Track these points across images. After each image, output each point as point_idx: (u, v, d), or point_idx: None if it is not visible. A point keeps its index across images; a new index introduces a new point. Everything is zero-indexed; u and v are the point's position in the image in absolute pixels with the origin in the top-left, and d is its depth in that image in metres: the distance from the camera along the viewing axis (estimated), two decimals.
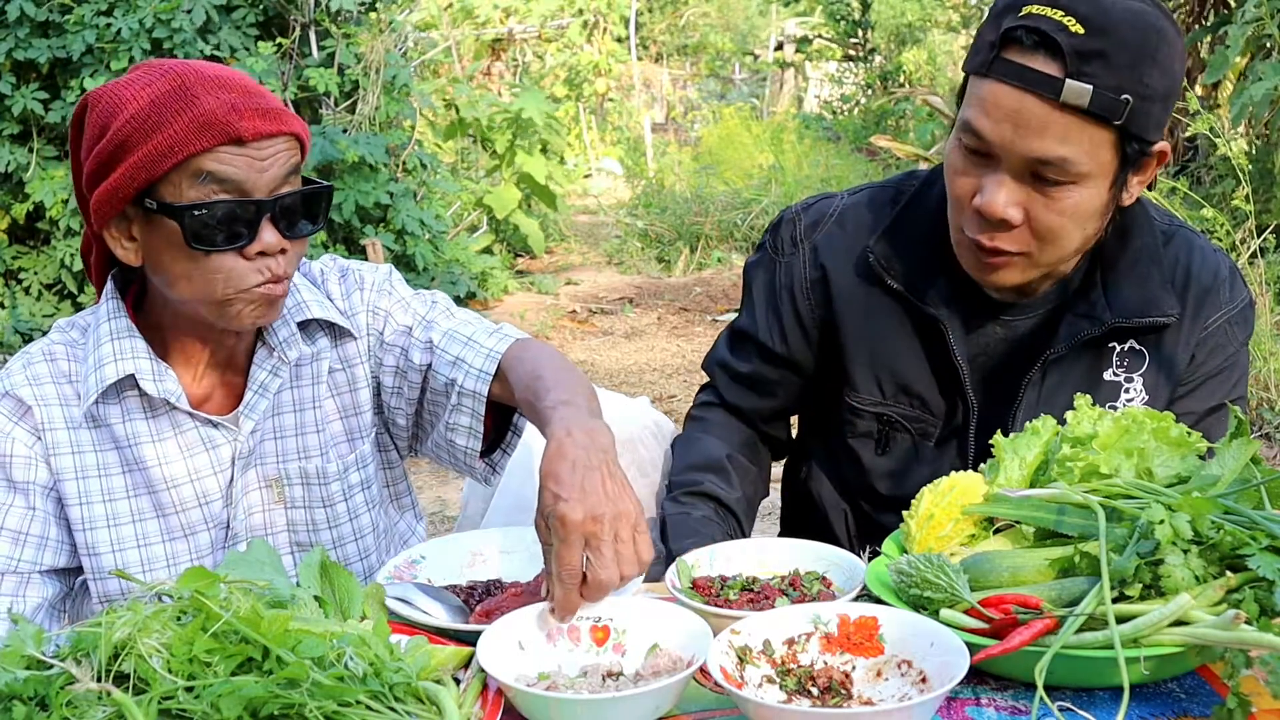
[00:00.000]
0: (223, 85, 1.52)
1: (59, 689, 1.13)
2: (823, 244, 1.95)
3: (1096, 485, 1.42)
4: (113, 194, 1.52)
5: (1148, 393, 1.84)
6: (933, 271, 1.85)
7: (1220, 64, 5.78)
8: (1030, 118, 1.60)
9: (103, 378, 1.62)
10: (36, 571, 1.65)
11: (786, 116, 15.99)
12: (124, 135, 1.50)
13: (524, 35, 12.74)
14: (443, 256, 8.08)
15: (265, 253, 1.55)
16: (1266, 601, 1.23)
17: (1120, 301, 1.80)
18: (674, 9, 21.76)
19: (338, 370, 1.79)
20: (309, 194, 1.59)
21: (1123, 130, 1.61)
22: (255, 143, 1.51)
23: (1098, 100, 1.58)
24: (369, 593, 1.42)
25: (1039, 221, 1.67)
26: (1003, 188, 1.65)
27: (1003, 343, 1.86)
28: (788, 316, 1.98)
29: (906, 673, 1.31)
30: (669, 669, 1.33)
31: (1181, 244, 1.88)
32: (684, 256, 9.65)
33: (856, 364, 1.92)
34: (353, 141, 7.05)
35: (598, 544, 1.35)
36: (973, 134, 1.66)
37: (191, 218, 1.49)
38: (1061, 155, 1.61)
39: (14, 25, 6.53)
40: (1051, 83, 1.58)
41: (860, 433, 1.95)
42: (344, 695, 1.14)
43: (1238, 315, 1.88)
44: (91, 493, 1.67)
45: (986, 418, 1.86)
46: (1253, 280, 5.67)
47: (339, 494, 1.79)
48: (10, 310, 6.93)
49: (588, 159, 14.19)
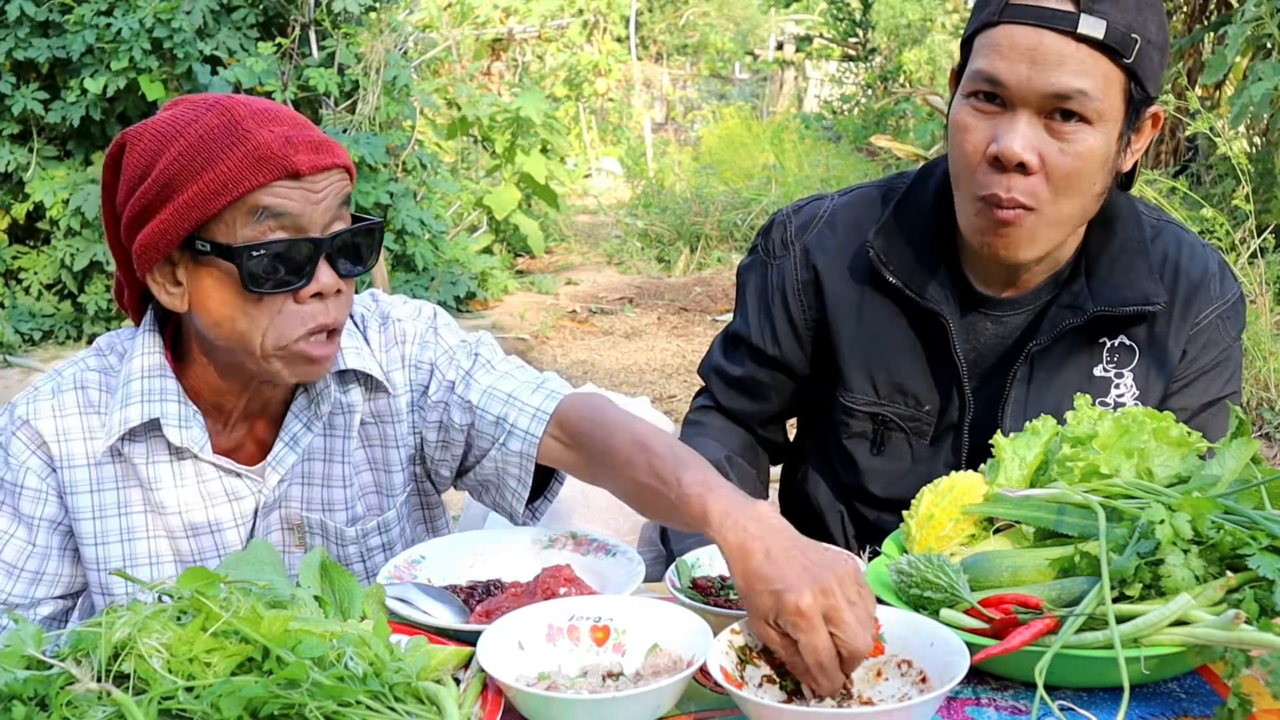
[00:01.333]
0: (273, 118, 1.45)
1: (59, 689, 1.13)
2: (814, 245, 1.95)
3: (1096, 485, 1.42)
4: (160, 236, 1.43)
5: (1138, 388, 1.83)
6: (931, 266, 1.85)
7: (1220, 64, 5.78)
8: (1048, 52, 1.62)
9: (126, 419, 1.56)
10: (25, 604, 1.62)
11: (787, 116, 15.99)
12: (172, 173, 1.42)
13: (524, 35, 12.73)
14: (443, 256, 8.08)
15: (321, 294, 1.48)
16: (1266, 601, 1.23)
17: (1105, 291, 1.80)
18: (674, 9, 21.76)
19: (370, 424, 1.71)
20: (363, 229, 1.52)
21: (1131, 72, 1.64)
22: (310, 176, 1.44)
23: (1112, 33, 1.61)
24: (369, 593, 1.42)
25: (1054, 166, 1.66)
26: (1018, 131, 1.65)
27: (994, 338, 1.86)
28: (780, 318, 1.98)
29: (906, 673, 1.31)
30: (669, 669, 1.33)
31: (1170, 239, 1.88)
32: (684, 256, 9.65)
33: (850, 364, 1.92)
34: (353, 141, 7.05)
35: (838, 615, 1.24)
36: (988, 79, 1.67)
37: (250, 258, 1.41)
38: (1080, 87, 1.62)
39: (14, 25, 6.54)
40: (1067, 16, 1.61)
41: (854, 433, 1.95)
42: (344, 695, 1.14)
43: (1229, 310, 1.87)
44: (109, 533, 1.62)
45: (979, 415, 1.86)
46: (1253, 280, 5.67)
47: (356, 555, 1.73)
48: (10, 310, 6.93)
49: (588, 159, 14.19)
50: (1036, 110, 1.65)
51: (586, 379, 6.66)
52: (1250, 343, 5.40)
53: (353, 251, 1.51)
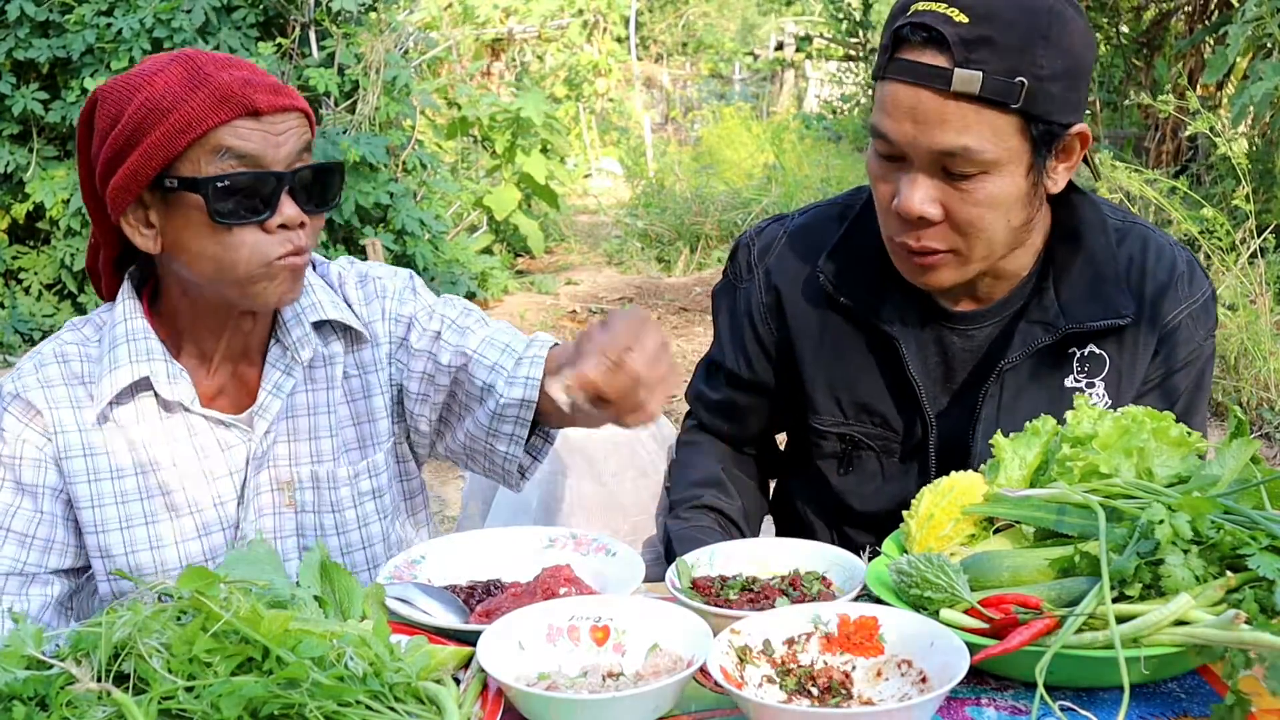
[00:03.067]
0: (233, 64, 1.55)
1: (59, 689, 1.13)
2: (775, 268, 1.95)
3: (1096, 485, 1.42)
4: (131, 178, 1.53)
5: (1110, 397, 1.81)
6: (884, 286, 1.84)
7: (1221, 64, 5.78)
8: (927, 112, 1.61)
9: (117, 381, 1.62)
10: (42, 572, 1.65)
11: (787, 116, 15.98)
12: (140, 118, 1.51)
13: (524, 35, 12.73)
14: (443, 256, 8.08)
15: (286, 226, 1.56)
16: (1266, 601, 1.23)
17: (1074, 307, 1.78)
18: (674, 9, 21.76)
19: (353, 376, 1.79)
20: (323, 169, 1.61)
21: (1024, 113, 1.61)
22: (270, 116, 1.53)
23: (989, 85, 1.58)
24: (369, 593, 1.42)
25: (957, 215, 1.66)
26: (916, 186, 1.65)
27: (962, 353, 1.84)
28: (750, 343, 1.98)
29: (906, 673, 1.31)
30: (669, 669, 1.33)
31: (1135, 241, 1.85)
32: (684, 256, 9.65)
33: (815, 386, 1.91)
34: (353, 141, 7.05)
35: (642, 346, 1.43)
36: (880, 137, 1.67)
37: (214, 190, 1.51)
38: (963, 144, 1.61)
39: (14, 25, 6.54)
40: (941, 73, 1.59)
41: (827, 454, 1.95)
42: (344, 695, 1.14)
43: (1199, 310, 1.85)
44: (104, 495, 1.66)
45: (948, 432, 1.85)
46: (1253, 280, 5.67)
47: (348, 500, 1.78)
48: (10, 310, 6.93)
49: (588, 159, 14.19)
50: (931, 164, 1.64)
51: None
52: (1250, 343, 5.40)
53: (315, 189, 1.60)
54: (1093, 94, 9.55)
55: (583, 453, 2.16)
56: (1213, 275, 5.97)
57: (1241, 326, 5.47)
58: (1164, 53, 9.16)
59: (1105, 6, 9.60)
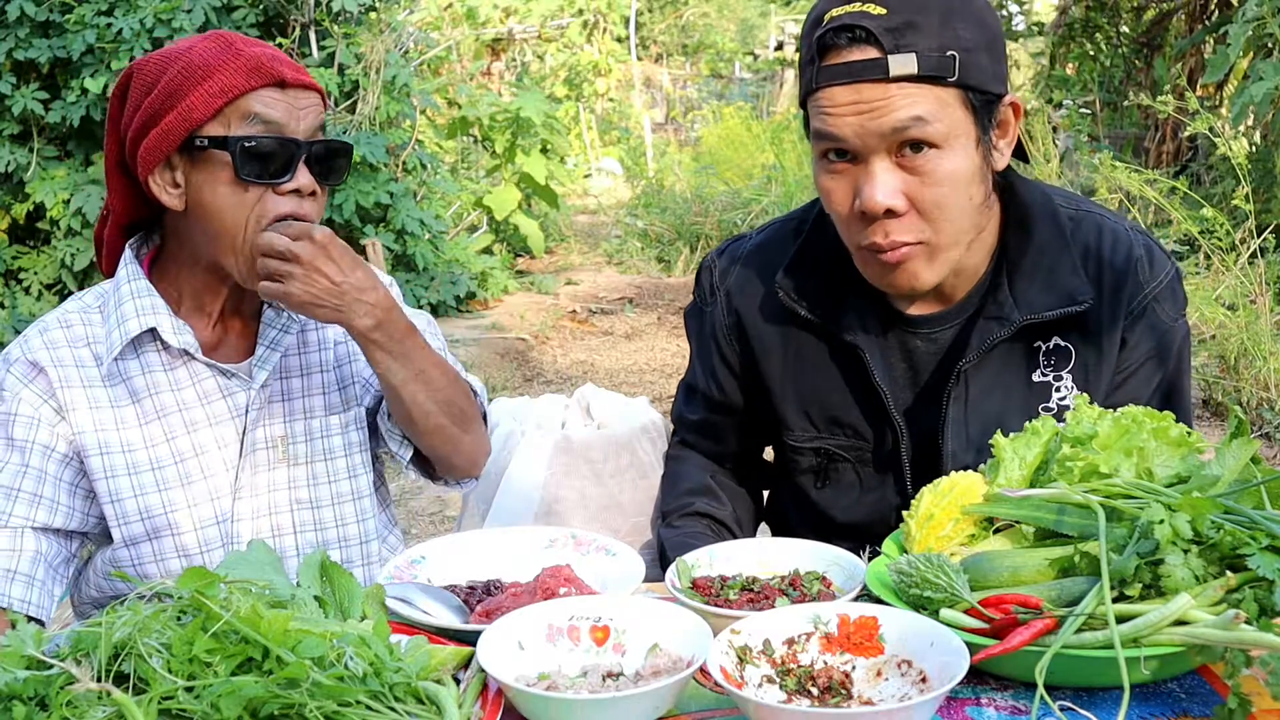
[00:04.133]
0: (259, 43, 1.73)
1: (59, 689, 1.13)
2: (735, 289, 1.95)
3: (1096, 485, 1.42)
4: (164, 138, 1.67)
5: (1079, 388, 1.79)
6: (843, 296, 1.83)
7: (1221, 63, 5.78)
8: (872, 101, 1.62)
9: (126, 332, 1.73)
10: (29, 528, 1.70)
11: (787, 116, 15.98)
12: (175, 85, 1.67)
13: (524, 35, 12.74)
14: (443, 256, 8.08)
15: (299, 192, 1.70)
16: (1266, 601, 1.23)
17: (1029, 299, 1.77)
18: (674, 9, 21.76)
19: (341, 343, 1.91)
20: (335, 146, 1.75)
21: (962, 85, 1.63)
22: (294, 90, 1.70)
23: (924, 63, 1.60)
24: (369, 593, 1.42)
25: (922, 199, 1.66)
26: (876, 180, 1.65)
27: (926, 356, 1.84)
28: (719, 365, 1.99)
29: (906, 673, 1.31)
30: (669, 669, 1.33)
31: (1090, 228, 1.83)
32: (684, 256, 9.65)
33: (785, 403, 1.91)
34: (353, 141, 7.05)
35: None
36: (827, 139, 1.67)
37: (242, 149, 1.66)
38: (915, 115, 1.61)
39: (14, 25, 6.54)
40: (877, 64, 1.61)
41: (804, 469, 1.94)
42: (344, 695, 1.14)
43: (1164, 291, 1.82)
44: (110, 444, 1.74)
45: (918, 437, 1.84)
46: (1253, 280, 5.68)
47: (340, 448, 1.88)
48: (10, 310, 6.93)
49: (588, 159, 14.19)
50: (886, 153, 1.64)
51: (586, 379, 6.66)
52: (1250, 343, 5.40)
53: (327, 163, 1.75)
54: (1093, 94, 9.56)
55: (583, 454, 2.17)
56: (1212, 275, 5.97)
57: (1241, 326, 5.47)
58: (1164, 53, 9.17)
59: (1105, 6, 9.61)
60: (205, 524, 1.78)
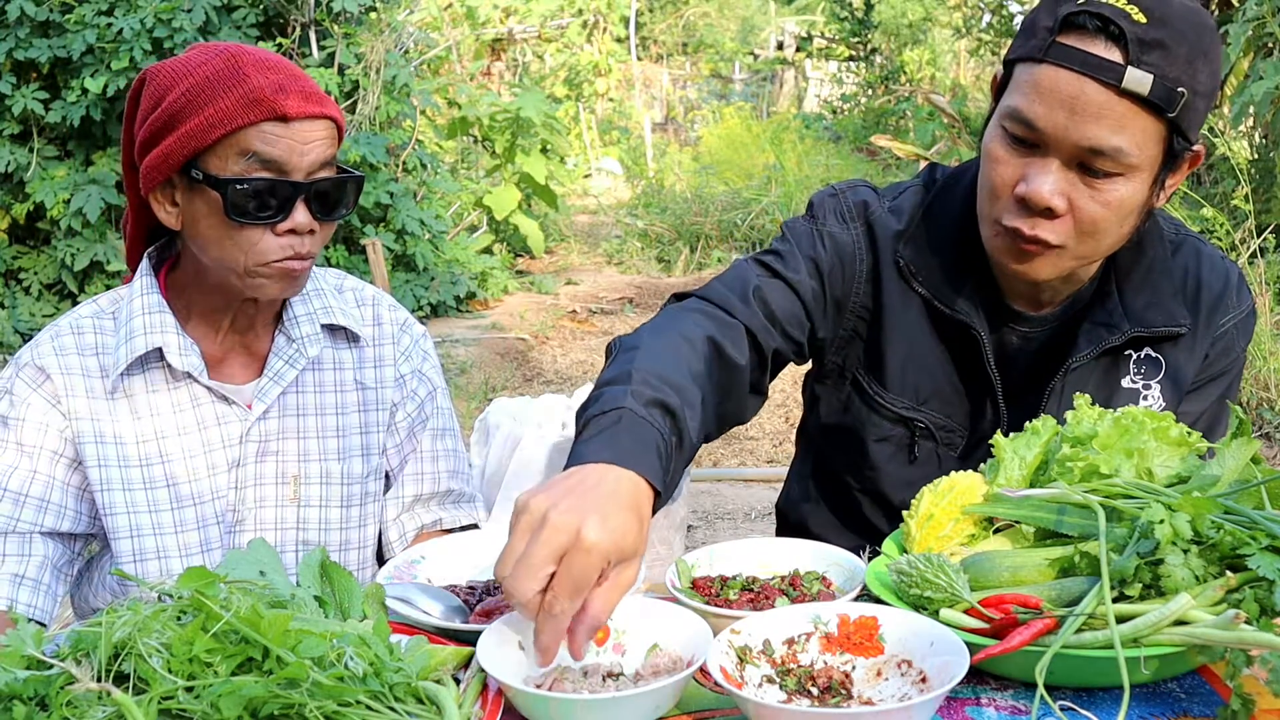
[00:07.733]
0: (271, 67, 1.64)
1: (59, 689, 1.13)
2: (879, 231, 1.86)
3: (1096, 485, 1.42)
4: (164, 160, 1.64)
5: (1164, 399, 1.84)
6: (960, 278, 1.82)
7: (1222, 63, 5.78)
8: (1089, 104, 1.56)
9: (133, 349, 1.72)
10: (37, 532, 1.71)
11: (787, 116, 16.00)
12: (177, 108, 1.62)
13: (524, 35, 12.74)
14: (443, 256, 8.08)
15: (295, 231, 1.66)
16: (1266, 601, 1.23)
17: (1137, 311, 1.80)
18: (674, 9, 21.76)
19: (369, 389, 1.90)
20: (342, 181, 1.70)
21: (1173, 124, 1.59)
22: (298, 122, 1.63)
23: (1157, 89, 1.55)
24: (369, 593, 1.42)
25: (1082, 212, 1.63)
26: (1049, 175, 1.61)
27: (1020, 353, 1.84)
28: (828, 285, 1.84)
29: (906, 673, 1.31)
30: (669, 669, 1.33)
31: (1190, 253, 1.87)
32: (684, 256, 9.65)
33: (891, 363, 1.86)
34: (353, 141, 7.05)
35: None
36: (1021, 121, 1.61)
37: (233, 190, 1.61)
38: (1116, 145, 1.57)
39: (14, 25, 6.54)
40: (1114, 68, 1.55)
41: (883, 436, 1.90)
42: (344, 695, 1.14)
43: (1244, 320, 1.89)
44: (108, 458, 1.74)
45: (1011, 429, 1.81)
46: (1253, 280, 5.68)
47: (357, 496, 1.86)
48: (10, 310, 6.93)
49: (588, 159, 14.19)
50: (1069, 158, 1.61)
51: (586, 379, 6.66)
52: (1251, 343, 5.41)
53: (331, 199, 1.70)
54: None
55: None
56: None
57: None
58: None
59: None
60: (190, 551, 1.76)
